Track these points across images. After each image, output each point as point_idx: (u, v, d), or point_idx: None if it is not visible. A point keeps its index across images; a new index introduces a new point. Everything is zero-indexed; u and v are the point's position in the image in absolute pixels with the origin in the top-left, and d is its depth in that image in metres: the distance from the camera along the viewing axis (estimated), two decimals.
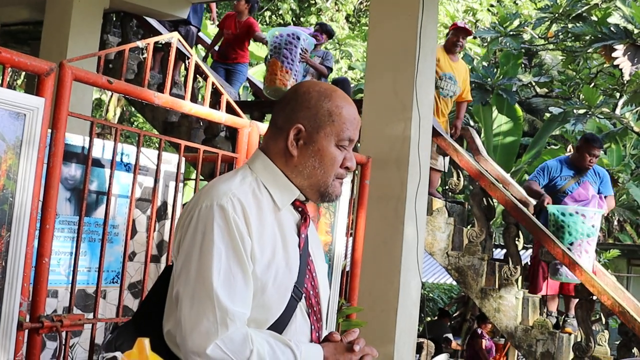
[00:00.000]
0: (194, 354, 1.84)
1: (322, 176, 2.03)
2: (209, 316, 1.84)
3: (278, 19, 24.32)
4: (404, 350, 5.23)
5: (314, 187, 2.05)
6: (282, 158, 2.03)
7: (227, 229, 1.89)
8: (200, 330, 1.84)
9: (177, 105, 3.59)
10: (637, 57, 11.06)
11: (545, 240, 6.71)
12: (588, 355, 6.48)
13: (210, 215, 1.89)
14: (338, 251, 4.36)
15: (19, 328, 2.70)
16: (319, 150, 2.01)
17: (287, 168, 2.03)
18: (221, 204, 1.90)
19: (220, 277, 1.86)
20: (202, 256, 1.88)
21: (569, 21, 13.18)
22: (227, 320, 1.84)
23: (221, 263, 1.87)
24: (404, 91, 5.24)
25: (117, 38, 9.39)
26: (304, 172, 2.03)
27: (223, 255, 1.87)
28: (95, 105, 18.94)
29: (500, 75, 14.27)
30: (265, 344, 1.87)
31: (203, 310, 1.85)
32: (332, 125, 2.01)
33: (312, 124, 2.01)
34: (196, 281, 1.87)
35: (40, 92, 2.77)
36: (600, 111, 13.15)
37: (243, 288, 1.89)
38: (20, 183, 2.66)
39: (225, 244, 1.88)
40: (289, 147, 2.01)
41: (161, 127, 8.74)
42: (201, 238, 1.89)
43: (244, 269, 1.89)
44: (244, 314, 1.88)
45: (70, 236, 3.32)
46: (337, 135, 2.02)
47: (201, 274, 1.87)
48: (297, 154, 2.01)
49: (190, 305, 1.86)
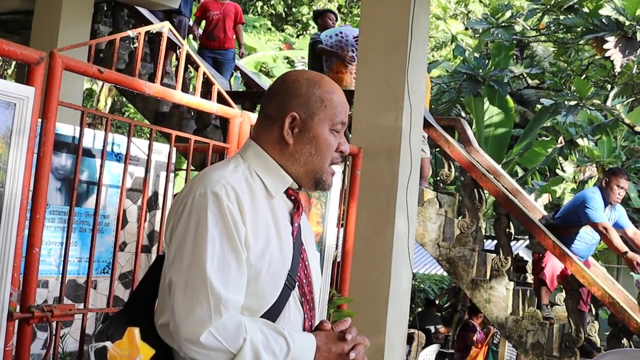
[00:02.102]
0: (187, 341, 1.83)
1: (319, 162, 2.05)
2: (203, 303, 1.84)
3: (270, 9, 24.26)
4: (395, 340, 5.25)
5: (311, 173, 2.06)
6: (276, 147, 2.04)
7: (221, 216, 1.88)
8: (194, 317, 1.83)
9: (168, 95, 3.58)
10: (628, 49, 11.08)
11: (535, 232, 6.73)
12: (578, 346, 6.52)
13: (204, 203, 1.89)
14: (329, 242, 4.36)
15: (9, 318, 2.69)
16: (315, 136, 2.03)
17: (283, 156, 2.04)
18: (215, 191, 1.90)
19: (214, 264, 1.86)
20: (196, 243, 1.87)
21: (560, 13, 13.18)
22: (221, 308, 1.84)
23: (215, 250, 1.87)
24: (396, 81, 5.24)
25: (108, 28, 9.35)
26: (301, 159, 2.04)
27: (217, 242, 1.87)
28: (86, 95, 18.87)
29: (491, 67, 14.28)
30: (258, 332, 1.87)
31: (196, 297, 1.84)
32: (325, 110, 2.04)
33: (306, 111, 2.03)
34: (189, 268, 1.87)
35: (30, 82, 2.76)
36: (591, 103, 13.18)
37: (237, 275, 1.89)
38: (10, 173, 2.65)
39: (219, 231, 1.88)
40: (284, 136, 2.02)
41: (152, 117, 8.72)
42: (195, 225, 1.89)
43: (237, 256, 1.89)
44: (237, 301, 1.88)
45: (60, 226, 3.31)
46: (330, 120, 2.05)
47: (195, 261, 1.86)
48: (293, 142, 2.03)
49: (183, 293, 1.86)
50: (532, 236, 6.90)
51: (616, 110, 14.22)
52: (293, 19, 24.58)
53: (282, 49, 22.09)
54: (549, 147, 15.69)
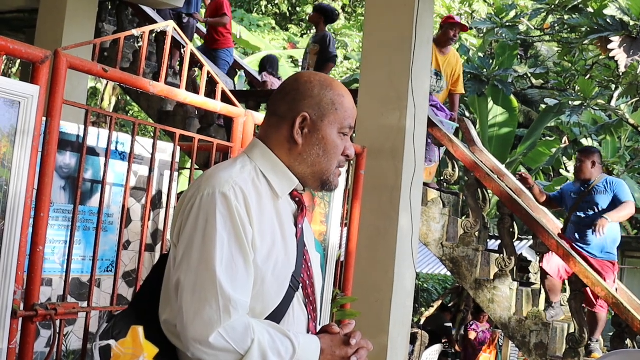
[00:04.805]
0: (196, 342, 1.83)
1: (326, 164, 2.07)
2: (212, 304, 1.84)
3: (274, 8, 24.27)
4: (398, 340, 5.24)
5: (317, 175, 2.07)
6: (284, 146, 2.05)
7: (230, 216, 1.89)
8: (203, 318, 1.83)
9: (173, 94, 3.59)
10: (633, 49, 11.05)
11: (539, 232, 6.72)
12: (581, 346, 6.50)
13: (213, 203, 1.89)
14: (333, 241, 4.36)
15: (13, 316, 2.70)
16: (323, 138, 2.05)
17: (291, 156, 2.05)
18: (223, 191, 1.90)
19: (222, 264, 1.86)
20: (205, 244, 1.88)
21: (565, 13, 13.15)
22: (230, 308, 1.84)
23: (224, 251, 1.87)
24: (400, 81, 5.24)
25: (113, 26, 9.37)
26: (308, 160, 2.05)
27: (225, 242, 1.87)
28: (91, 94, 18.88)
29: (495, 67, 14.25)
30: (265, 334, 1.88)
31: (205, 297, 1.85)
32: (335, 113, 2.05)
33: (317, 112, 2.04)
34: (198, 269, 1.87)
35: (35, 80, 2.76)
36: (595, 103, 13.15)
37: (244, 276, 1.89)
38: (14, 171, 2.65)
39: (228, 231, 1.88)
40: (294, 136, 2.03)
41: (156, 116, 8.73)
42: (203, 226, 1.89)
43: (245, 257, 1.89)
44: (245, 302, 1.89)
45: (64, 225, 3.32)
46: (340, 123, 2.06)
47: (203, 261, 1.87)
48: (302, 142, 2.04)
49: (192, 293, 1.86)
50: (536, 236, 6.89)
51: (620, 111, 14.19)
52: (297, 18, 24.60)
53: (286, 48, 22.12)
54: (553, 147, 15.66)
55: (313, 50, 8.81)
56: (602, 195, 6.78)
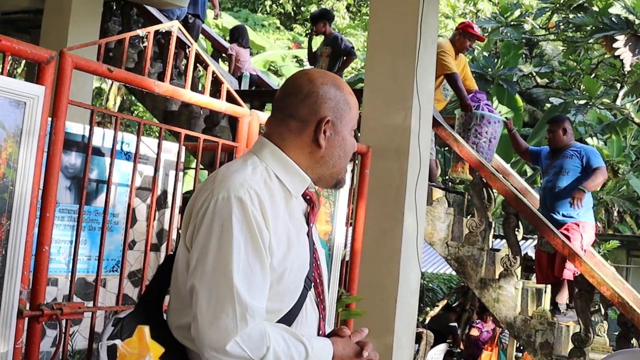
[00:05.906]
0: (212, 349, 1.82)
1: (344, 163, 2.10)
2: (229, 311, 1.81)
3: (278, 8, 24.27)
4: (403, 339, 5.24)
5: (335, 174, 2.09)
6: (304, 149, 2.03)
7: (246, 222, 1.86)
8: (220, 326, 1.81)
9: (178, 94, 3.59)
10: (638, 48, 11.04)
11: (544, 231, 6.71)
12: (587, 346, 6.49)
13: (228, 208, 1.86)
14: (338, 241, 4.36)
15: (19, 316, 2.70)
16: (343, 139, 2.06)
17: (312, 159, 2.04)
18: (239, 196, 1.87)
19: (240, 271, 1.83)
20: (221, 250, 1.84)
21: (570, 11, 13.15)
22: (247, 316, 1.82)
23: (240, 257, 1.84)
24: (405, 80, 5.23)
25: (118, 27, 9.38)
26: (330, 162, 2.05)
27: (242, 249, 1.84)
28: (96, 94, 18.92)
29: (500, 66, 14.26)
30: (280, 340, 1.86)
31: (222, 305, 1.82)
32: (349, 113, 2.07)
33: (336, 114, 2.04)
34: (214, 275, 1.84)
35: (40, 81, 2.77)
36: (600, 102, 13.14)
37: (261, 282, 1.87)
38: (20, 171, 2.66)
39: (244, 237, 1.85)
40: (318, 139, 2.01)
41: (161, 115, 8.74)
42: (219, 231, 1.85)
43: (262, 262, 1.87)
44: (262, 308, 1.87)
45: (70, 224, 3.33)
46: (352, 122, 2.08)
47: (220, 268, 1.84)
48: (325, 145, 2.03)
49: (207, 300, 1.83)
50: (541, 236, 6.87)
51: (626, 109, 14.18)
52: (302, 18, 24.60)
53: (290, 47, 22.12)
54: None
55: (325, 53, 8.89)
56: (569, 159, 6.99)
